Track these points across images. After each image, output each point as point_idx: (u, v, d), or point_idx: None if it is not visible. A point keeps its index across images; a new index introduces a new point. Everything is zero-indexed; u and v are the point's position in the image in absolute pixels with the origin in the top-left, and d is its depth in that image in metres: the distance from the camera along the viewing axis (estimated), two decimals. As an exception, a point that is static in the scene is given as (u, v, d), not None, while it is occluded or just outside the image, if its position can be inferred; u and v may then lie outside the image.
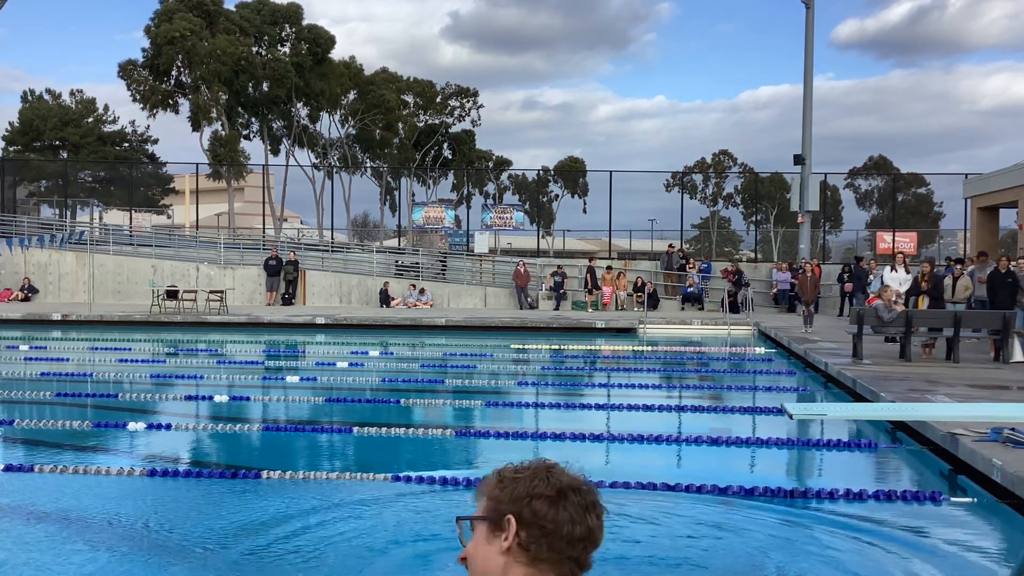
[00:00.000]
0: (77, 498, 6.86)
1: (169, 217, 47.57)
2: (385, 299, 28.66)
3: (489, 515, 1.65)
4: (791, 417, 9.55)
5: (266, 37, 41.13)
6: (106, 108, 50.83)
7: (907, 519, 6.49)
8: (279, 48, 41.68)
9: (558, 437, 9.18)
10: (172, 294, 25.75)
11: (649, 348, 19.57)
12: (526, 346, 19.36)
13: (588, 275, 29.08)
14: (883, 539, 6.11)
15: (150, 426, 9.60)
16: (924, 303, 16.10)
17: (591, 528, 1.63)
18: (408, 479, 7.34)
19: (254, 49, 40.65)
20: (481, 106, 49.68)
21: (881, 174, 53.98)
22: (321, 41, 41.67)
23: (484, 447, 9.16)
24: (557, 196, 49.98)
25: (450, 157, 49.64)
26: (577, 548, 1.62)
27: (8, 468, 7.62)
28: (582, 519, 1.62)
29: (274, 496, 6.94)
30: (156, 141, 50.78)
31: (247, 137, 43.27)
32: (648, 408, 10.99)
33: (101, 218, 39.91)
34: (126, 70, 40.56)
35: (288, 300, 29.29)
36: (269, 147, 43.72)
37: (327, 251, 33.56)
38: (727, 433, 9.35)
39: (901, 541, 6.05)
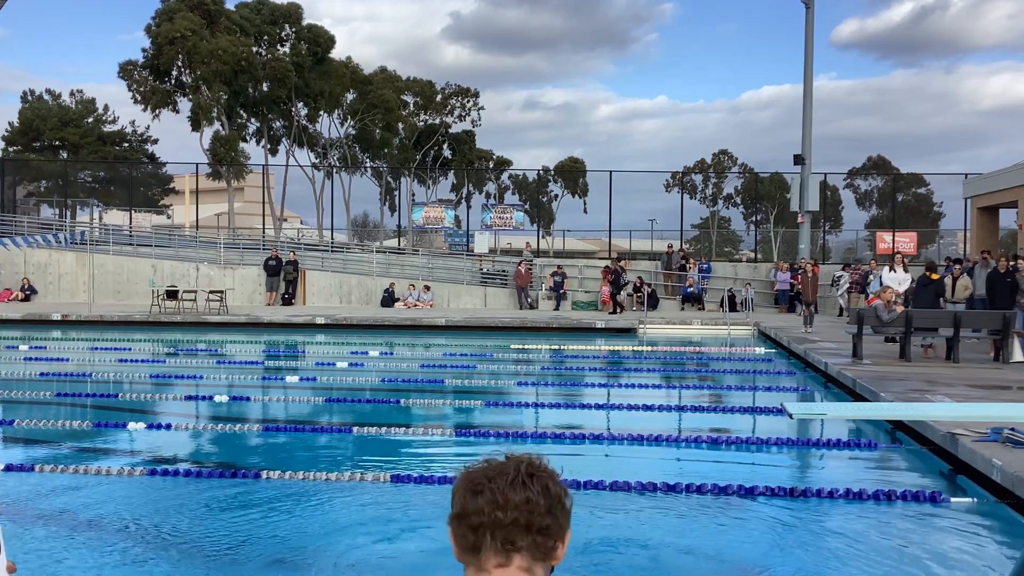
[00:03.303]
0: (77, 498, 6.86)
1: (169, 217, 47.53)
2: (390, 300, 28.66)
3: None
4: (791, 417, 9.55)
5: (266, 37, 41.11)
6: (106, 108, 50.85)
7: (907, 519, 6.49)
8: (279, 48, 41.66)
9: (558, 437, 9.19)
10: (172, 294, 25.74)
11: (649, 348, 19.57)
12: (526, 346, 19.36)
13: (612, 276, 28.50)
14: (883, 539, 6.11)
15: (150, 426, 9.61)
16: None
17: (491, 492, 1.54)
18: (407, 479, 7.34)
19: (254, 49, 40.62)
20: (481, 107, 49.72)
21: (881, 174, 53.98)
22: (321, 41, 41.65)
23: (484, 447, 9.15)
24: (557, 196, 50.00)
25: (450, 157, 49.62)
26: (488, 516, 1.54)
27: (8, 468, 7.62)
28: (480, 489, 1.55)
29: (273, 496, 6.94)
30: (156, 141, 50.79)
31: (245, 139, 43.22)
32: (648, 408, 10.99)
33: (101, 218, 39.88)
34: (127, 70, 40.55)
35: (288, 300, 29.29)
36: (269, 147, 43.71)
37: (327, 251, 33.55)
38: (727, 433, 9.35)
39: (901, 541, 6.05)
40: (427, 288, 29.21)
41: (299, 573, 5.40)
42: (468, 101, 49.54)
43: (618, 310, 27.20)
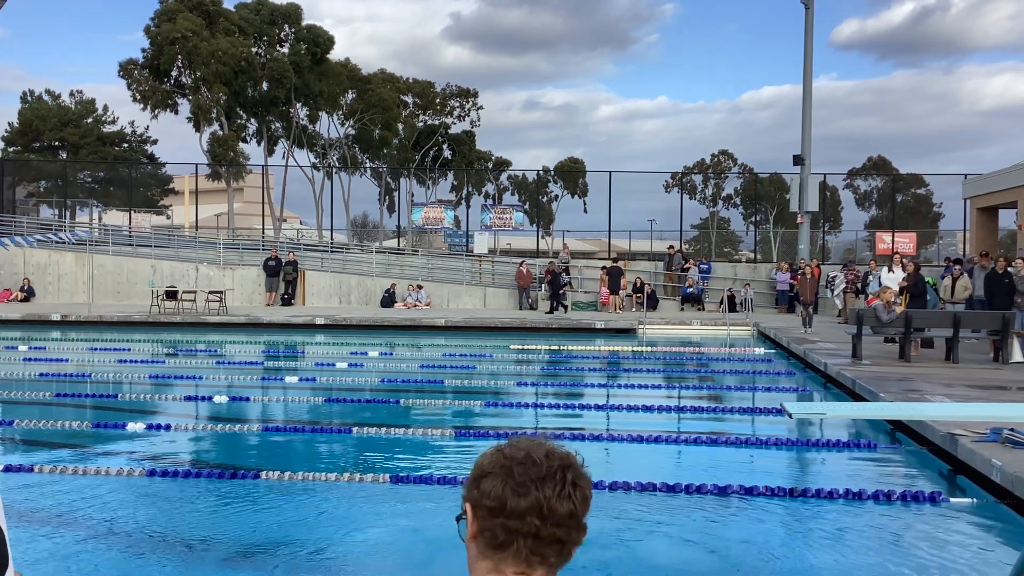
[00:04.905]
0: (76, 498, 6.86)
1: (168, 217, 47.52)
2: (391, 300, 28.66)
3: (463, 506, 1.54)
4: (791, 417, 9.55)
5: (265, 37, 41.11)
6: (105, 108, 50.83)
7: (907, 519, 6.49)
8: (278, 48, 41.66)
9: (558, 437, 9.18)
10: (171, 294, 25.74)
11: (648, 348, 19.56)
12: (525, 346, 19.36)
13: (550, 276, 28.19)
14: (883, 539, 6.12)
15: (149, 426, 9.60)
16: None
17: (537, 500, 1.45)
18: (407, 479, 7.34)
19: (254, 50, 40.61)
20: (480, 107, 49.72)
21: (881, 174, 54.01)
22: (320, 41, 41.64)
23: (482, 447, 9.14)
24: (557, 196, 50.02)
25: (450, 157, 49.63)
26: (527, 524, 1.45)
27: (8, 468, 7.62)
28: (526, 492, 1.45)
29: (273, 496, 6.94)
30: (155, 141, 50.78)
31: (244, 140, 43.21)
32: (648, 408, 10.99)
33: (100, 218, 39.88)
34: (127, 70, 40.51)
35: (287, 300, 29.28)
36: (268, 148, 43.69)
37: (326, 251, 33.54)
38: (727, 433, 9.36)
39: (901, 541, 6.06)
40: (419, 287, 29.15)
41: (299, 572, 5.40)
42: (467, 102, 49.55)
43: (560, 310, 27.25)
